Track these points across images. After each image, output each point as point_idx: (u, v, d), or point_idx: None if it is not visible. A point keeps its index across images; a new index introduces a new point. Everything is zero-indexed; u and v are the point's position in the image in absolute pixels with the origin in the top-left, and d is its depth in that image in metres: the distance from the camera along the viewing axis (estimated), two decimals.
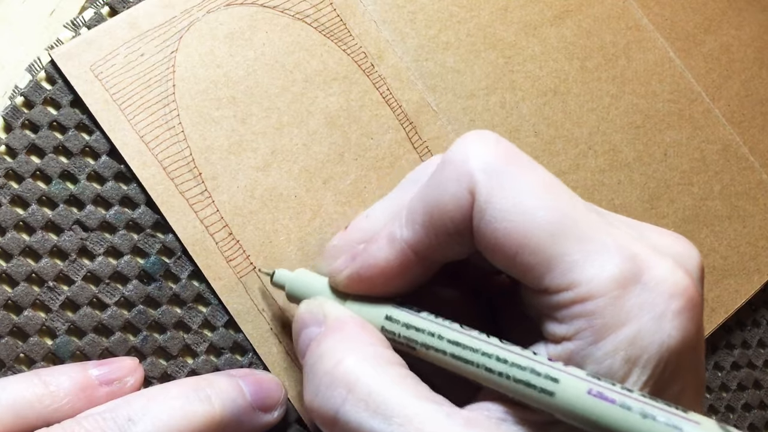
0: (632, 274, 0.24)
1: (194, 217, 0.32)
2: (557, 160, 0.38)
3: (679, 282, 0.24)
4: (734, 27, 0.44)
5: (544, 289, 0.25)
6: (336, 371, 0.25)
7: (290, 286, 0.31)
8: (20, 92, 0.32)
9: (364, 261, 0.28)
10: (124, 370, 0.30)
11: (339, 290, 0.29)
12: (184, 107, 0.33)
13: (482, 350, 0.25)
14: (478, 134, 0.27)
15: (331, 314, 0.28)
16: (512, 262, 0.25)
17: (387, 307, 0.28)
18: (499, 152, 0.26)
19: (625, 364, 0.24)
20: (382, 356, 0.26)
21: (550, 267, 0.24)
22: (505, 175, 0.25)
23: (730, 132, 0.42)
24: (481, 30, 0.38)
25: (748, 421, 0.40)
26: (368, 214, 0.30)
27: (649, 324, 0.24)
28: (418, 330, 0.27)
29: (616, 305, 0.24)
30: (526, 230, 0.25)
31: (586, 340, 0.24)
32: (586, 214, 0.25)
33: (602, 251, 0.24)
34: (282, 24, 0.35)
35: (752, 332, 0.42)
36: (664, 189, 0.40)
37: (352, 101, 0.35)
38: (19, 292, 0.30)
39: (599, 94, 0.39)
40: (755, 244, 0.41)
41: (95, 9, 0.33)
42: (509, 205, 0.25)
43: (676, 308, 0.24)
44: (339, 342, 0.27)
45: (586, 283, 0.24)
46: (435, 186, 0.27)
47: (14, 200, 0.31)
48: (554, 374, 0.24)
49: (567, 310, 0.24)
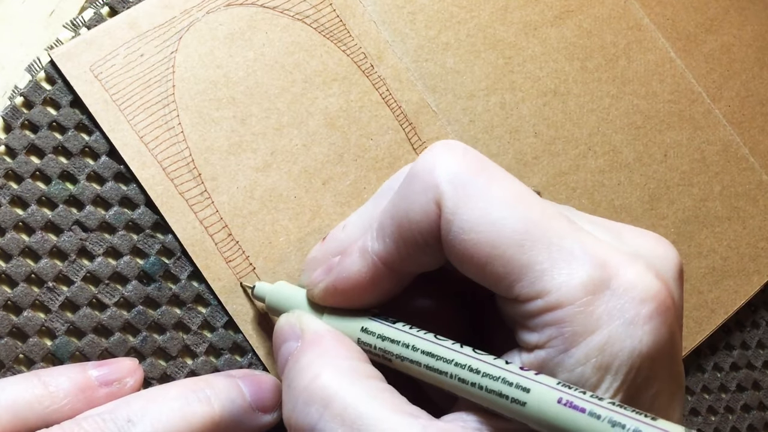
0: (601, 280, 0.24)
1: (194, 218, 0.32)
2: (557, 161, 0.38)
3: (650, 286, 0.24)
4: (736, 27, 0.44)
5: (514, 298, 0.25)
6: (312, 386, 0.25)
7: (269, 299, 0.31)
8: (20, 92, 0.32)
9: (338, 274, 0.28)
10: (124, 370, 0.30)
11: (316, 303, 0.29)
12: (184, 108, 0.33)
13: (455, 360, 0.25)
14: (444, 144, 0.27)
15: (309, 328, 0.28)
16: (482, 273, 0.25)
17: (363, 319, 0.28)
18: (466, 162, 0.26)
19: (597, 371, 0.23)
20: (359, 370, 0.26)
21: (520, 276, 0.24)
22: (471, 186, 0.25)
23: (730, 133, 0.42)
24: (481, 30, 0.38)
25: (747, 422, 0.40)
26: (345, 224, 0.30)
27: (619, 330, 0.23)
28: (393, 341, 0.27)
29: (585, 312, 0.24)
30: (494, 240, 0.25)
31: (558, 348, 0.24)
32: (556, 221, 0.25)
33: (570, 259, 0.24)
34: (282, 24, 0.35)
35: (751, 333, 0.42)
36: (664, 190, 0.40)
37: (352, 102, 0.35)
38: (19, 293, 0.30)
39: (599, 95, 0.39)
40: (755, 245, 0.41)
41: (95, 9, 0.33)
42: (476, 216, 0.25)
43: (647, 313, 0.24)
44: (316, 357, 0.27)
45: (555, 291, 0.24)
46: (402, 198, 0.27)
47: (14, 200, 0.31)
48: (525, 384, 0.24)
49: (538, 319, 0.24)
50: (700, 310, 0.39)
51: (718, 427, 0.40)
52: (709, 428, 0.40)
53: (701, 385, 0.40)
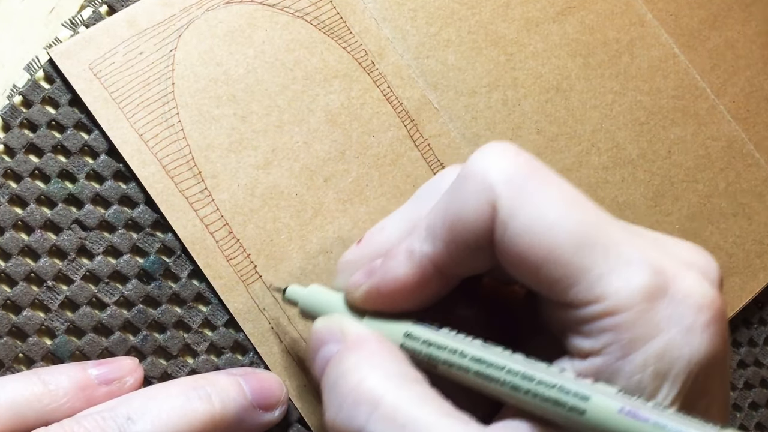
0: (660, 286, 0.23)
1: (194, 216, 0.32)
2: (560, 158, 0.38)
3: (707, 294, 0.24)
4: (740, 22, 0.44)
5: (569, 302, 0.24)
6: (360, 389, 0.25)
7: (303, 302, 0.30)
8: (18, 91, 0.32)
9: (383, 276, 0.27)
10: (124, 369, 0.30)
11: (355, 306, 0.29)
12: (184, 105, 0.33)
13: (507, 367, 0.25)
14: (497, 146, 0.26)
15: (351, 331, 0.27)
16: (536, 276, 0.25)
17: (406, 323, 0.27)
18: (520, 164, 0.25)
19: (655, 379, 0.23)
20: (405, 374, 0.26)
21: (576, 280, 0.24)
22: (527, 188, 0.25)
23: (735, 128, 0.41)
24: (483, 27, 0.38)
25: (756, 419, 0.40)
26: (383, 227, 0.29)
27: (677, 337, 0.23)
28: (440, 347, 0.26)
29: (644, 318, 0.23)
30: (550, 243, 0.24)
31: (614, 354, 0.23)
32: (612, 226, 0.25)
33: (629, 264, 0.24)
34: (282, 22, 0.35)
35: (759, 330, 0.41)
36: (668, 186, 0.39)
37: (353, 99, 0.35)
38: (18, 292, 0.30)
39: (602, 91, 0.39)
40: (761, 242, 0.40)
41: (94, 7, 0.33)
42: (532, 218, 0.24)
43: (705, 321, 0.23)
44: (361, 359, 0.26)
45: (613, 296, 0.23)
46: (455, 199, 0.26)
47: (13, 199, 0.31)
48: (584, 392, 0.23)
49: (594, 324, 0.24)
50: None
51: None
52: None
53: None
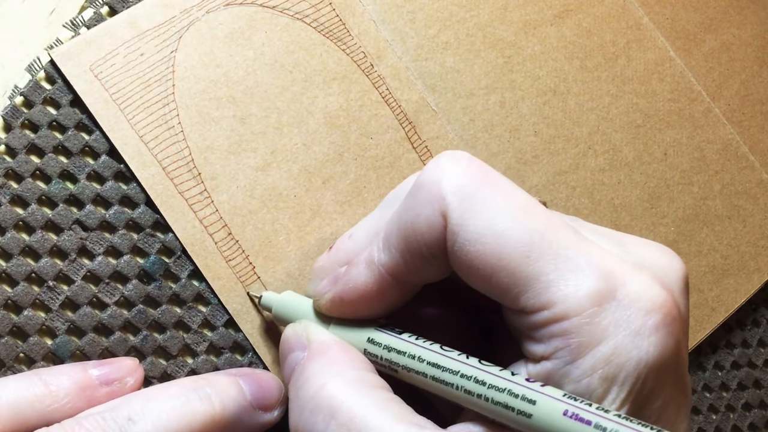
0: (607, 291, 0.24)
1: (193, 217, 0.32)
2: (557, 160, 0.38)
3: (656, 297, 0.24)
4: (735, 26, 0.44)
5: (520, 309, 0.25)
6: (319, 396, 0.25)
7: (276, 308, 0.31)
8: (20, 92, 0.32)
9: (345, 284, 0.28)
10: (124, 370, 0.30)
11: (323, 313, 0.29)
12: (184, 107, 0.33)
13: (461, 372, 0.25)
14: (450, 155, 0.26)
15: (315, 338, 0.28)
16: (488, 284, 0.25)
17: (369, 329, 0.28)
18: (472, 173, 0.26)
19: (603, 382, 0.23)
20: (365, 380, 0.26)
21: (526, 287, 0.24)
22: (477, 197, 0.25)
23: (730, 131, 0.42)
24: (481, 29, 0.38)
25: (749, 420, 0.40)
26: (351, 233, 0.30)
27: (625, 341, 0.23)
28: (399, 352, 0.27)
29: (592, 323, 0.23)
30: (499, 252, 0.24)
31: (564, 359, 0.24)
32: (562, 232, 0.25)
33: (577, 269, 0.24)
34: (281, 24, 0.35)
35: (752, 331, 0.42)
36: (664, 188, 0.40)
37: (352, 101, 0.35)
38: (19, 292, 0.30)
39: (599, 94, 0.39)
40: (755, 244, 0.41)
41: (95, 9, 0.33)
42: (481, 227, 0.25)
43: (653, 324, 0.24)
44: (322, 366, 0.27)
45: (562, 302, 0.24)
46: (408, 209, 0.26)
47: (14, 200, 0.31)
48: (531, 396, 0.24)
49: (544, 330, 0.24)
50: (701, 308, 0.39)
51: (719, 426, 0.40)
52: (710, 426, 0.40)
53: (702, 384, 0.40)
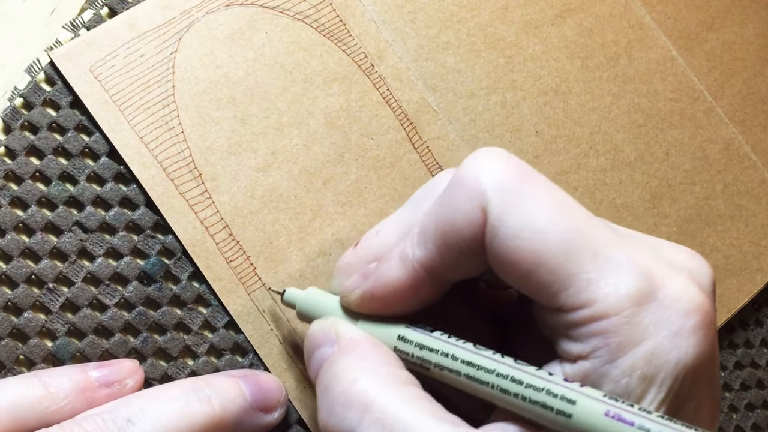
0: (647, 291, 0.24)
1: (194, 218, 0.32)
2: (558, 160, 0.38)
3: (695, 298, 0.24)
4: (737, 25, 0.44)
5: (558, 307, 0.25)
6: (351, 391, 0.25)
7: (301, 305, 0.30)
8: (19, 93, 0.32)
9: (377, 280, 0.28)
10: (124, 371, 0.30)
11: (351, 309, 0.29)
12: (184, 108, 0.33)
13: (497, 371, 0.25)
14: (488, 152, 0.26)
15: (344, 334, 0.28)
16: (526, 281, 0.25)
17: (399, 326, 0.28)
18: (511, 170, 0.26)
19: (642, 383, 0.23)
20: (397, 376, 0.26)
21: (565, 285, 0.24)
22: (517, 193, 0.25)
23: (732, 131, 0.41)
24: (482, 29, 0.38)
25: (752, 420, 0.40)
26: (378, 230, 0.29)
27: (665, 341, 0.23)
28: (432, 350, 0.27)
29: (632, 323, 0.23)
30: (539, 248, 0.24)
31: (603, 358, 0.24)
32: (601, 231, 0.25)
33: (617, 268, 0.24)
34: (282, 24, 0.35)
35: (755, 331, 0.41)
36: (666, 188, 0.39)
37: (352, 101, 0.35)
38: (19, 294, 0.30)
39: (601, 94, 0.39)
40: (758, 243, 0.40)
41: (94, 10, 0.33)
42: (522, 223, 0.25)
43: (692, 325, 0.24)
44: (353, 362, 0.26)
45: (602, 300, 0.24)
46: (446, 204, 0.26)
47: (14, 202, 0.31)
48: (571, 395, 0.24)
49: (582, 329, 0.24)
50: None
51: (722, 426, 0.40)
52: None
53: None
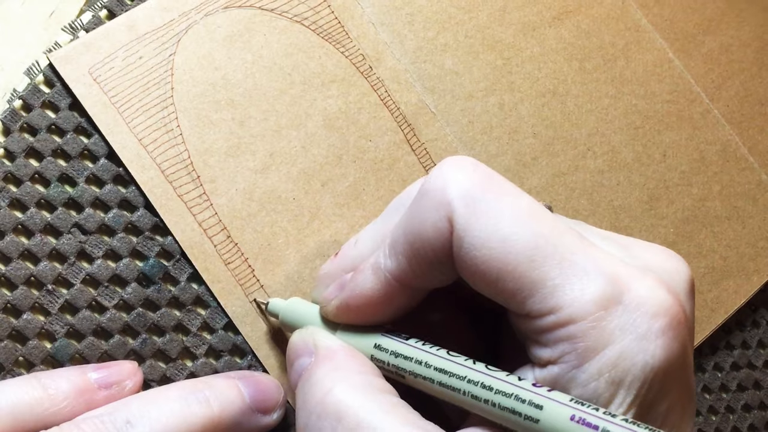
0: (613, 295, 0.24)
1: (192, 220, 0.32)
2: (556, 162, 0.38)
3: (662, 301, 0.24)
4: (734, 27, 0.44)
5: (526, 313, 0.25)
6: (326, 401, 0.25)
7: (283, 315, 0.31)
8: (18, 95, 0.32)
9: (352, 291, 0.28)
10: (123, 373, 0.30)
11: (329, 319, 0.29)
12: (183, 110, 0.33)
13: (468, 377, 0.25)
14: (455, 161, 0.26)
15: (322, 344, 0.28)
16: (494, 289, 0.25)
17: (376, 335, 0.28)
18: (477, 179, 0.26)
19: (610, 386, 0.23)
20: (372, 384, 0.26)
21: (532, 292, 0.24)
22: (482, 202, 0.25)
23: (729, 132, 0.42)
24: (480, 31, 0.38)
25: (748, 421, 0.40)
26: (357, 240, 0.30)
27: (631, 345, 0.23)
28: (406, 358, 0.27)
29: (598, 327, 0.24)
30: (505, 257, 0.24)
31: (571, 363, 0.24)
32: (567, 237, 0.25)
33: (583, 274, 0.24)
34: (280, 27, 0.35)
35: (752, 333, 0.42)
36: (663, 190, 0.40)
37: (351, 103, 0.35)
38: (18, 296, 0.30)
39: (598, 95, 0.39)
40: (755, 245, 0.41)
41: (93, 12, 0.33)
42: (487, 232, 0.25)
43: (659, 328, 0.24)
44: (329, 372, 0.27)
45: (568, 306, 0.24)
46: (414, 216, 0.27)
47: (13, 203, 0.31)
48: (538, 401, 0.24)
49: (550, 334, 0.24)
50: (701, 309, 0.39)
51: (719, 427, 0.40)
52: (710, 428, 0.40)
53: (702, 385, 0.40)
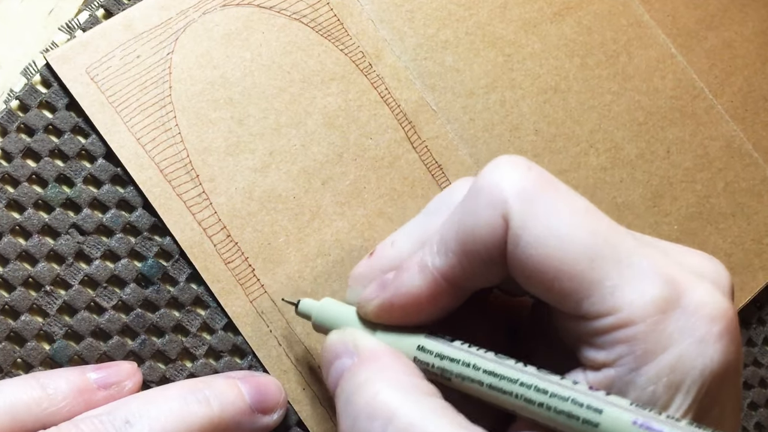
0: (672, 298, 0.24)
1: (192, 220, 0.32)
2: (558, 159, 0.38)
3: (719, 305, 0.24)
4: (737, 22, 0.44)
5: (582, 314, 0.24)
6: (374, 403, 0.25)
7: (317, 316, 0.30)
8: (15, 96, 0.32)
9: (396, 290, 0.28)
10: (122, 373, 0.30)
11: (368, 320, 0.29)
12: (181, 109, 0.33)
13: (520, 380, 0.25)
14: (509, 159, 0.26)
15: (364, 345, 0.28)
16: (549, 289, 0.25)
17: (419, 336, 0.27)
18: (532, 178, 0.26)
19: (668, 390, 0.23)
20: (419, 387, 0.26)
21: (589, 292, 0.24)
22: (539, 201, 0.25)
23: (733, 128, 0.41)
24: (480, 28, 0.38)
25: (755, 419, 0.40)
26: (393, 240, 0.29)
27: (690, 348, 0.23)
28: (453, 360, 0.26)
29: (657, 330, 0.23)
30: (563, 256, 0.24)
31: (628, 366, 0.24)
32: (624, 238, 0.25)
33: (641, 275, 0.24)
34: (279, 24, 0.35)
35: (758, 330, 0.41)
36: (667, 186, 0.39)
37: (351, 101, 0.35)
38: (16, 297, 0.30)
39: (600, 92, 0.39)
40: (760, 241, 0.40)
41: (90, 11, 0.33)
42: (545, 230, 0.25)
43: (717, 332, 0.24)
44: (375, 373, 0.26)
45: (627, 308, 0.24)
46: (467, 213, 0.26)
47: (10, 204, 0.31)
48: (597, 404, 0.23)
49: (607, 336, 0.24)
50: None
51: None
52: None
53: None
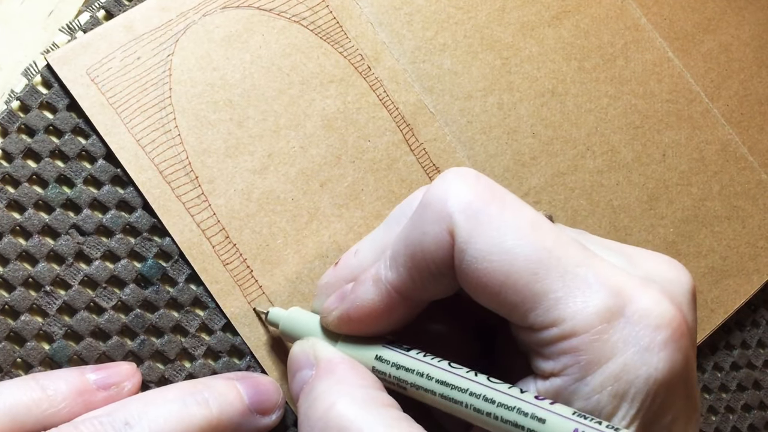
0: (616, 307, 0.24)
1: (191, 221, 0.32)
2: (555, 161, 0.38)
3: (665, 313, 0.24)
4: (733, 26, 0.44)
5: (529, 326, 0.25)
6: (328, 416, 0.25)
7: (283, 325, 0.31)
8: (16, 96, 0.32)
9: (352, 302, 0.28)
10: (122, 374, 0.30)
11: (330, 330, 0.29)
12: (181, 110, 0.33)
13: (470, 390, 0.25)
14: (456, 172, 0.26)
15: (323, 356, 0.28)
16: (496, 301, 0.25)
17: (377, 347, 0.28)
18: (478, 191, 0.26)
19: (613, 399, 0.23)
20: (374, 398, 0.26)
21: (534, 305, 0.24)
22: (484, 215, 0.25)
23: (729, 132, 0.42)
24: (478, 31, 0.38)
25: (748, 422, 0.40)
26: (357, 250, 0.30)
27: (634, 357, 0.23)
28: (408, 370, 0.27)
29: (600, 340, 0.24)
30: (507, 269, 0.24)
31: (573, 376, 0.24)
32: (569, 248, 0.25)
33: (585, 286, 0.24)
34: (278, 27, 0.35)
35: (751, 332, 0.41)
36: (662, 189, 0.39)
37: (349, 104, 0.35)
38: (16, 297, 0.30)
39: (597, 95, 0.39)
40: (754, 245, 0.40)
41: (91, 12, 0.33)
42: (489, 244, 0.25)
43: (662, 340, 0.24)
44: (330, 385, 0.27)
45: (570, 319, 0.24)
46: (415, 227, 0.26)
47: (10, 204, 0.31)
48: (541, 414, 0.24)
49: (553, 347, 0.24)
50: (700, 309, 0.39)
51: (718, 427, 0.40)
52: (709, 428, 0.39)
53: (701, 385, 0.40)
